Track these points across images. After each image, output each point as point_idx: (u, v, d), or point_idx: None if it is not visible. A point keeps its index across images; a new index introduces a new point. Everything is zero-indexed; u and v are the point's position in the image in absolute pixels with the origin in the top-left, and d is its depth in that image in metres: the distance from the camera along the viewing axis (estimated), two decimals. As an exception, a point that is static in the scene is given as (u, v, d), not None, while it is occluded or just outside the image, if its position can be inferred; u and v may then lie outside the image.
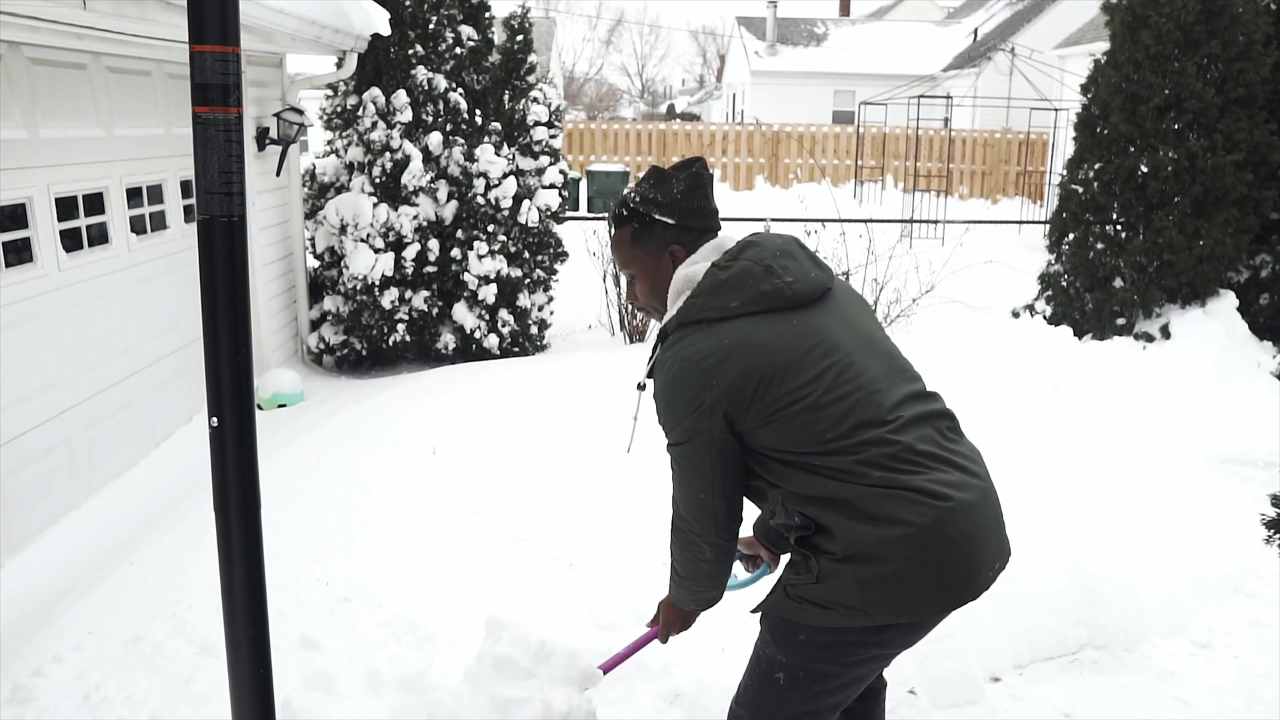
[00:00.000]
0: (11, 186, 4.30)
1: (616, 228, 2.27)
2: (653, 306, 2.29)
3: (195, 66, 1.69)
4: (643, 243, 2.22)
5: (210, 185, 1.72)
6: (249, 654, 1.93)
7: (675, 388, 2.04)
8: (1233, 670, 3.79)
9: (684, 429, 2.05)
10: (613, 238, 2.30)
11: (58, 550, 4.32)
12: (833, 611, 2.05)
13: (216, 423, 1.78)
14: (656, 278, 2.23)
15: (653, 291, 2.25)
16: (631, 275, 2.27)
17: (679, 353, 2.06)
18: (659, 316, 2.28)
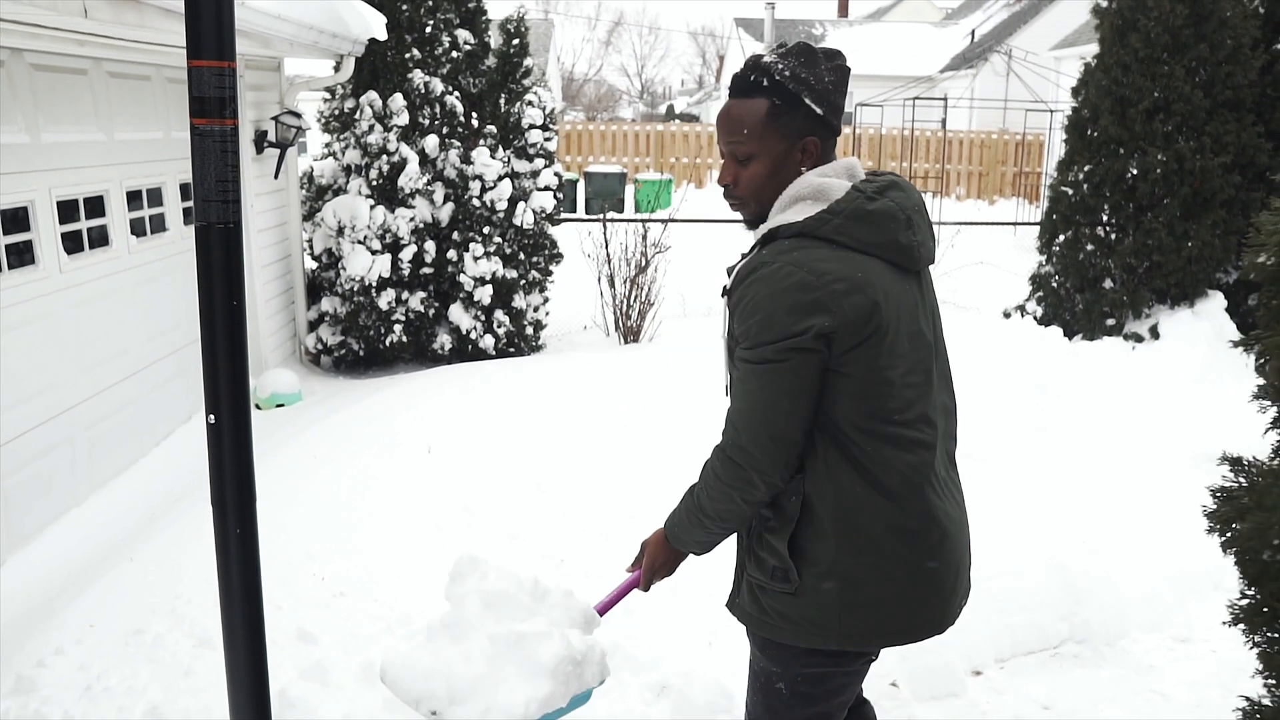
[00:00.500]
0: (14, 190, 4.38)
1: (744, 95, 1.95)
2: (750, 199, 2.00)
3: (193, 80, 1.77)
4: (779, 124, 1.92)
5: (208, 193, 1.80)
6: (245, 645, 2.01)
7: (788, 298, 1.80)
8: (1211, 664, 3.86)
9: (784, 346, 1.80)
10: (734, 106, 1.97)
11: (59, 547, 4.40)
12: (802, 629, 1.97)
13: (214, 420, 1.86)
14: (778, 168, 1.94)
15: (766, 182, 1.96)
16: (746, 155, 1.95)
17: (799, 261, 1.82)
18: (749, 212, 2.02)
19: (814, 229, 1.86)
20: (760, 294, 1.82)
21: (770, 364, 1.82)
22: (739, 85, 1.96)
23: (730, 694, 3.17)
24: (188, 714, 2.92)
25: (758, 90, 1.93)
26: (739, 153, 1.96)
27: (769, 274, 1.83)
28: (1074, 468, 5.38)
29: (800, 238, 1.87)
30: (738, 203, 2.02)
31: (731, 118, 1.96)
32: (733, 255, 1.99)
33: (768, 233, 1.93)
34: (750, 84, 1.94)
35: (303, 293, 8.01)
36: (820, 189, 1.91)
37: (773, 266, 1.83)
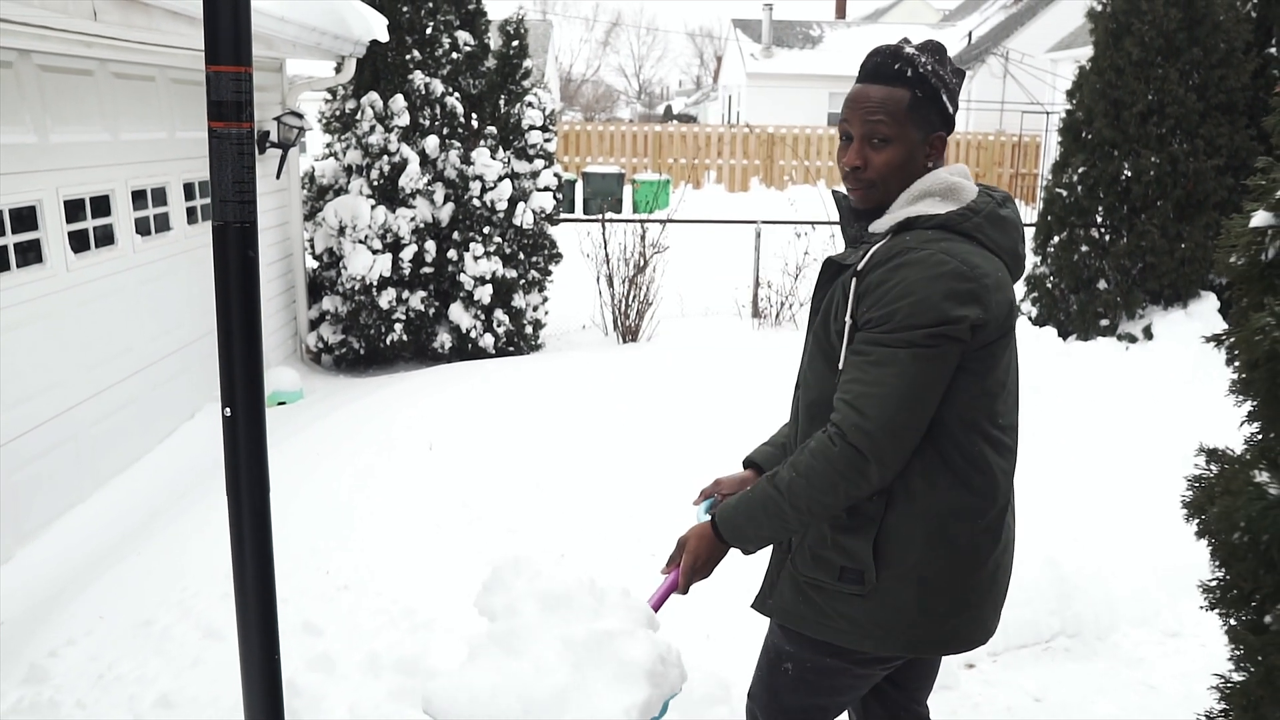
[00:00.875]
0: (23, 189, 4.44)
1: (886, 82, 1.93)
2: (879, 183, 1.95)
3: (211, 85, 1.83)
4: (915, 116, 1.92)
5: (225, 194, 1.86)
6: (259, 631, 2.07)
7: (944, 284, 1.77)
8: (1200, 658, 3.93)
9: (936, 333, 1.76)
10: (874, 91, 1.94)
11: (65, 542, 4.46)
12: (868, 633, 1.93)
13: (230, 412, 1.92)
14: (909, 159, 1.93)
15: (897, 170, 1.93)
16: (883, 139, 1.91)
17: (950, 251, 1.81)
18: (872, 198, 1.96)
19: (957, 223, 1.86)
20: (912, 278, 1.78)
21: (916, 349, 1.76)
22: (882, 71, 1.93)
23: (728, 686, 3.24)
24: (197, 702, 2.99)
25: (900, 80, 1.91)
26: (876, 136, 1.92)
27: (921, 259, 1.79)
28: (1067, 466, 5.45)
29: (943, 230, 1.86)
30: (864, 186, 1.96)
31: (872, 101, 1.92)
32: (732, 256, 2.01)
33: (903, 221, 1.88)
34: (894, 72, 1.91)
35: (304, 292, 8.07)
36: (953, 188, 1.92)
37: (924, 252, 1.80)
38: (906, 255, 1.81)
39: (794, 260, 9.34)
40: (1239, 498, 1.15)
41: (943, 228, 1.86)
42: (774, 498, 1.86)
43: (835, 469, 1.79)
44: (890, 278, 1.80)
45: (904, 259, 1.81)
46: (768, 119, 26.69)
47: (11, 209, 4.39)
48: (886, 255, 1.84)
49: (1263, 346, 1.10)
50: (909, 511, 1.87)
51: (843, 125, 1.98)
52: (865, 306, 1.83)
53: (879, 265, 1.83)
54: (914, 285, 1.77)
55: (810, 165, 23.63)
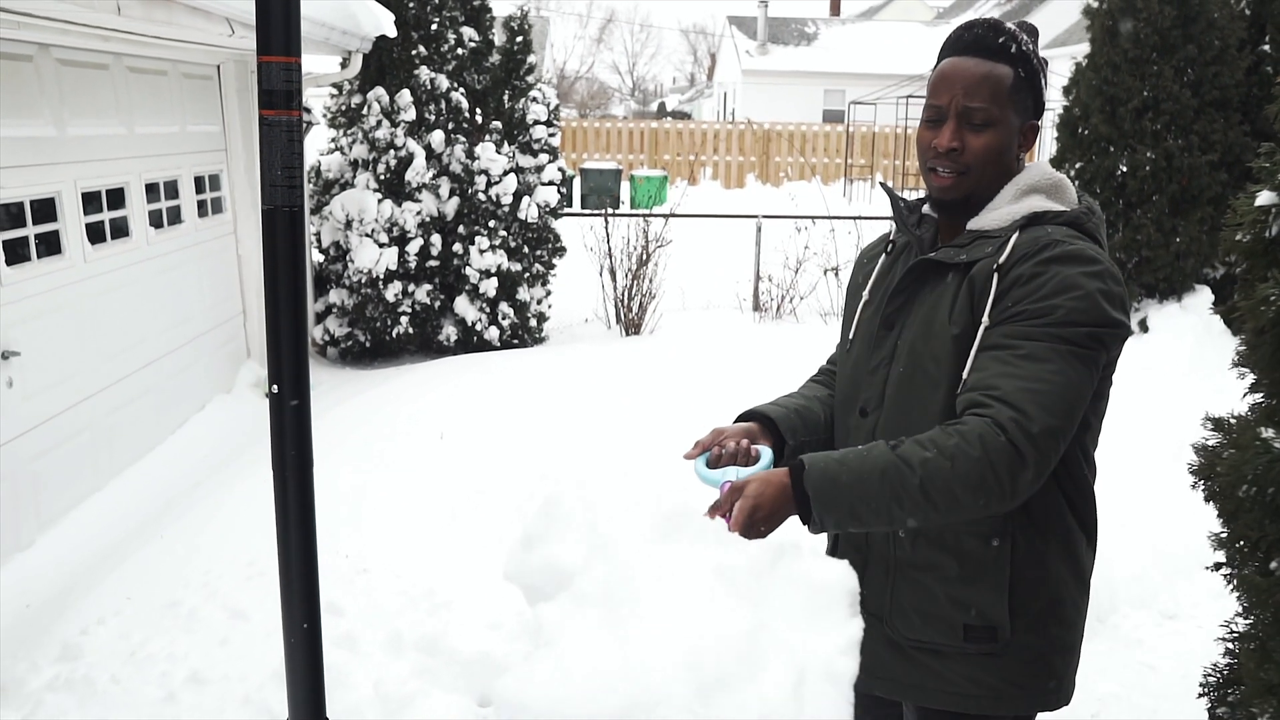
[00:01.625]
0: (42, 181, 4.52)
1: (989, 57, 1.73)
2: (975, 169, 1.74)
3: (262, 74, 1.92)
4: (1016, 98, 1.73)
5: (274, 179, 1.95)
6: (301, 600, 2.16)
7: (1105, 284, 1.60)
8: (1197, 639, 4.04)
9: (1096, 335, 1.58)
10: (975, 66, 1.73)
11: (86, 528, 4.54)
12: (1004, 696, 1.74)
13: (276, 389, 2.01)
14: (1006, 145, 1.74)
15: (996, 157, 1.73)
16: (984, 121, 1.71)
17: (1100, 254, 1.64)
18: (964, 186, 1.75)
19: (1084, 223, 1.69)
20: (1070, 273, 1.58)
21: (1075, 349, 1.56)
22: (984, 44, 1.73)
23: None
24: (228, 679, 3.08)
25: (1004, 55, 1.72)
26: (976, 116, 1.72)
27: (1076, 253, 1.61)
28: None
29: (1073, 229, 1.67)
30: (956, 172, 1.74)
31: (974, 77, 1.71)
32: (732, 250, 1.93)
33: (1031, 216, 1.70)
34: (998, 46, 1.72)
35: (310, 285, 8.15)
36: (1058, 184, 1.76)
37: (1074, 247, 1.62)
38: (1059, 248, 1.61)
39: (794, 255, 9.43)
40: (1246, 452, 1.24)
41: (1073, 226, 1.68)
42: (899, 468, 1.52)
43: (991, 462, 1.49)
44: (1044, 270, 1.60)
45: (1056, 251, 1.61)
46: (763, 115, 26.80)
47: (32, 200, 4.47)
48: (1032, 248, 1.63)
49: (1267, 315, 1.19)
50: (1035, 549, 1.68)
51: (932, 104, 1.76)
52: (1011, 301, 1.61)
53: (1026, 259, 1.62)
54: (1074, 280, 1.57)
55: (806, 162, 23.73)
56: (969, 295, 1.66)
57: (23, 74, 4.38)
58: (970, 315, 1.65)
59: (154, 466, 5.35)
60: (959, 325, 1.66)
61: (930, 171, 1.76)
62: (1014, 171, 1.76)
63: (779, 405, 1.96)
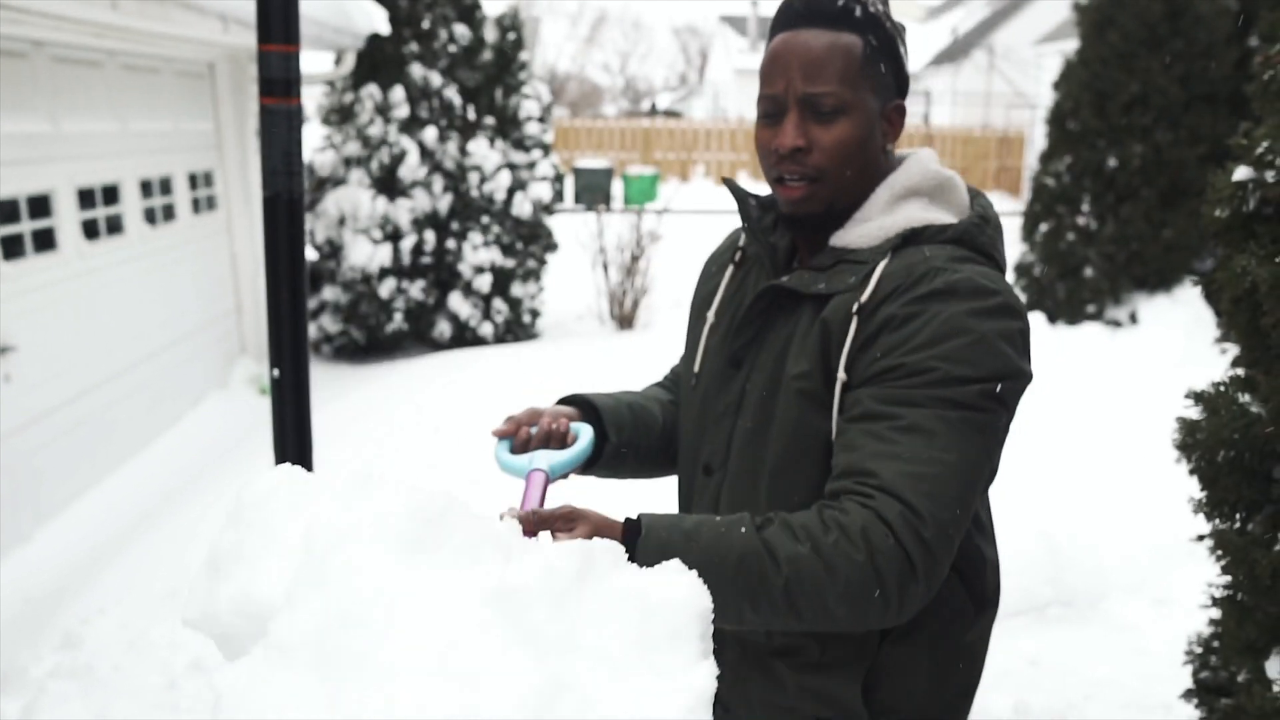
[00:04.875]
0: (37, 177, 4.54)
1: (830, 26, 1.34)
2: (830, 171, 1.35)
3: (262, 63, 1.95)
4: (872, 74, 1.35)
5: (274, 166, 1.98)
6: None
7: (1000, 324, 1.26)
8: (1187, 623, 4.08)
9: (994, 391, 1.24)
10: (813, 38, 1.34)
11: (83, 522, 4.56)
12: None
13: (278, 373, 2.04)
14: (866, 135, 1.35)
15: (855, 152, 1.35)
16: (834, 106, 1.33)
17: (991, 278, 1.29)
18: (814, 199, 1.36)
19: (974, 238, 1.34)
20: (956, 312, 1.24)
21: (969, 414, 1.22)
22: (821, 11, 1.34)
23: None
24: (227, 666, 3.10)
25: (848, 21, 1.33)
26: (823, 103, 1.32)
27: (960, 285, 1.25)
28: (1058, 444, 5.60)
29: (958, 246, 1.32)
30: (807, 178, 1.35)
31: (814, 53, 1.32)
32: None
33: (908, 234, 1.34)
34: (839, 11, 1.33)
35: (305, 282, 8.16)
36: (943, 185, 1.39)
37: (958, 276, 1.26)
38: (938, 279, 1.26)
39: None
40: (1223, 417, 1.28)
41: (960, 243, 1.33)
42: (762, 561, 1.17)
43: (877, 569, 1.16)
44: (921, 311, 1.25)
45: (936, 284, 1.26)
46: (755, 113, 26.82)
47: (27, 197, 4.49)
48: (905, 280, 1.27)
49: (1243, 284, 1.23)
50: (910, 633, 1.37)
51: (766, 94, 1.37)
52: (880, 352, 1.26)
53: (896, 295, 1.27)
54: (959, 322, 1.23)
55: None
56: (822, 340, 1.31)
57: (18, 70, 4.40)
58: (825, 366, 1.31)
59: (151, 461, 5.37)
60: (813, 379, 1.31)
61: (776, 182, 1.37)
62: (882, 167, 1.39)
63: (611, 396, 1.64)
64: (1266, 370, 1.25)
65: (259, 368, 7.01)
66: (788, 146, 1.33)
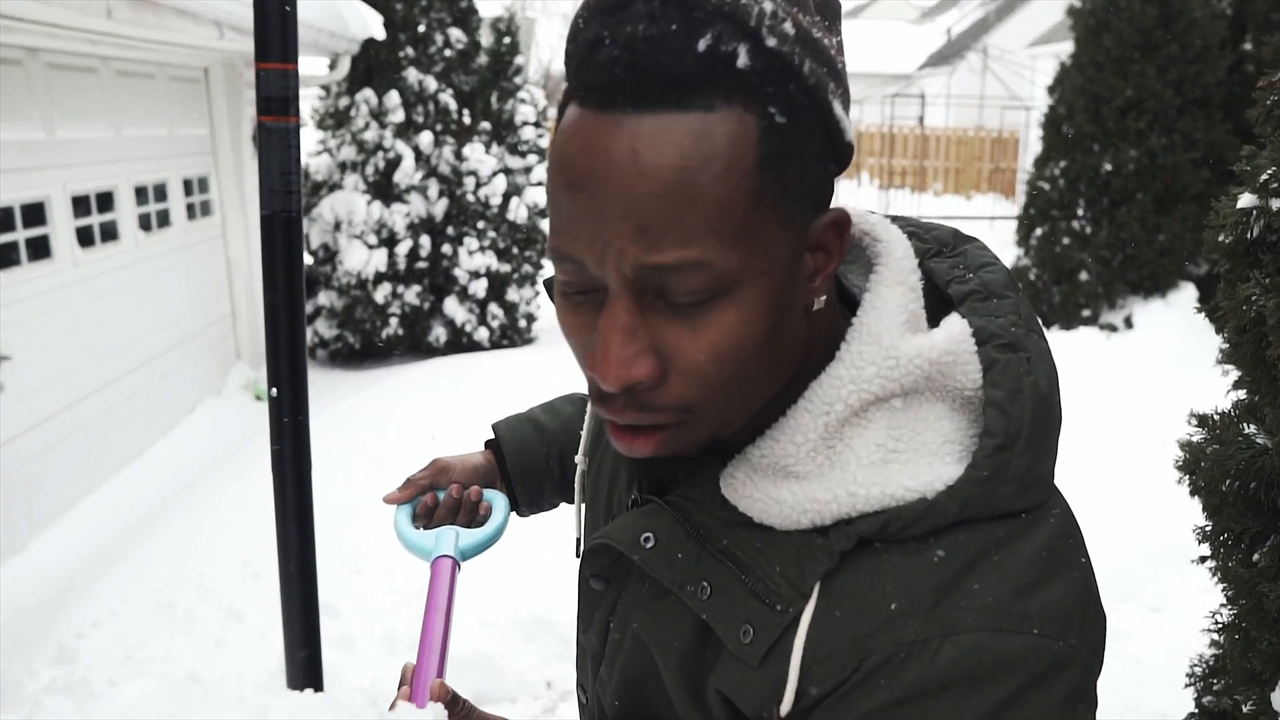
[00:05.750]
0: (32, 185, 4.53)
1: (681, 107, 0.61)
2: (696, 412, 0.69)
3: (260, 81, 1.94)
4: (775, 190, 0.64)
5: (273, 184, 1.97)
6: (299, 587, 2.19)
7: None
8: (1183, 632, 4.10)
9: None
10: (647, 150, 0.61)
11: (77, 532, 4.54)
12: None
13: (276, 392, 2.03)
14: (775, 323, 0.68)
15: (751, 357, 0.67)
16: (698, 293, 0.64)
17: (1024, 614, 0.66)
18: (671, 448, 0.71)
19: (984, 500, 0.69)
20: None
21: None
22: (664, 70, 0.61)
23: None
24: (224, 679, 3.09)
25: (723, 84, 0.62)
26: (684, 283, 0.64)
27: (976, 669, 0.65)
28: (1052, 451, 5.61)
29: (970, 529, 0.69)
30: (659, 424, 0.70)
31: (652, 180, 0.62)
32: None
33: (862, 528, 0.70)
34: (702, 66, 0.61)
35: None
36: (945, 363, 0.72)
37: (962, 650, 0.65)
38: (914, 668, 0.66)
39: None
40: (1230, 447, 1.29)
41: (965, 526, 0.69)
42: None
43: None
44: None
45: (912, 678, 0.66)
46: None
47: (22, 205, 4.47)
48: (855, 668, 0.68)
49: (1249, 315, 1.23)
50: None
51: (564, 255, 0.67)
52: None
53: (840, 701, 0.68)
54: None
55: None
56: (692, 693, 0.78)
57: (12, 78, 4.38)
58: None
59: (146, 469, 5.35)
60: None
61: (600, 402, 0.70)
62: (807, 347, 0.74)
63: (531, 421, 1.27)
64: (1272, 402, 1.26)
65: (254, 373, 7.00)
66: (620, 383, 0.66)
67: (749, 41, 0.62)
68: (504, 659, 3.36)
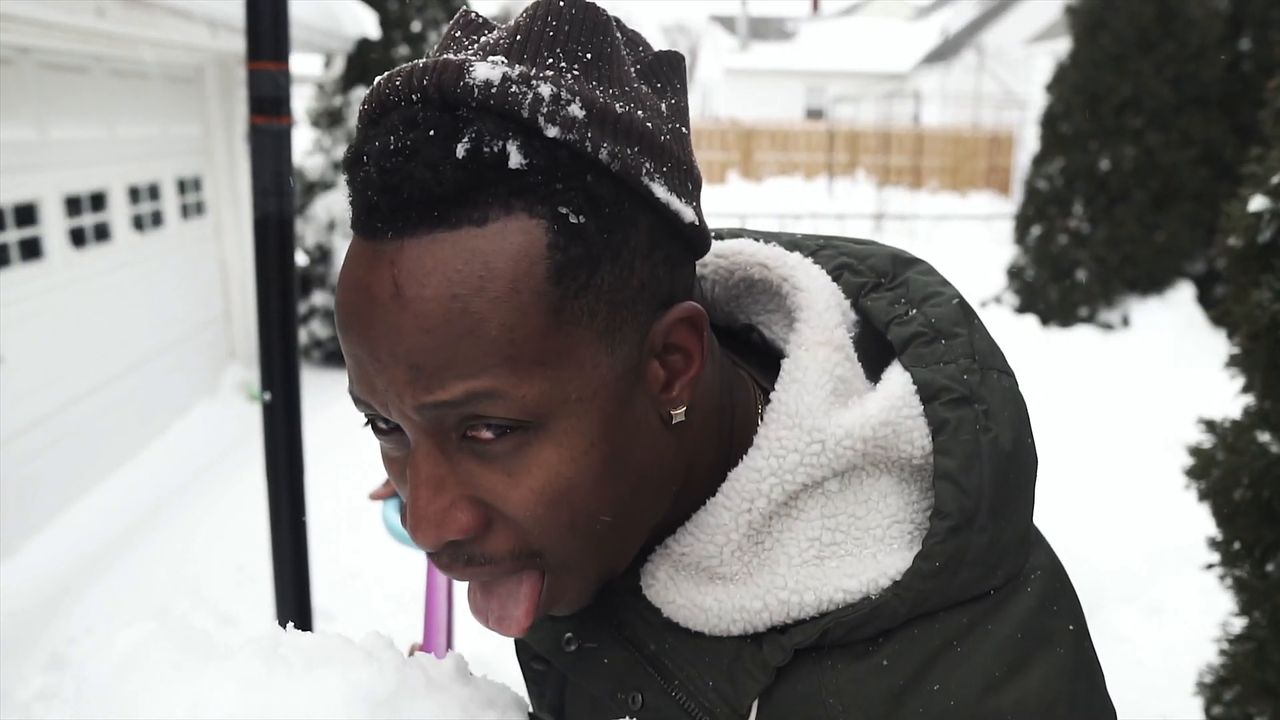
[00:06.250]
0: (24, 185, 4.49)
1: (446, 224, 0.54)
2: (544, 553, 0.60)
3: (252, 81, 1.91)
4: (584, 300, 0.56)
5: (265, 186, 1.94)
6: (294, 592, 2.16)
7: None
8: (1182, 634, 4.08)
9: None
10: (410, 284, 0.54)
11: (70, 535, 4.50)
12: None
13: (269, 397, 2.00)
14: (618, 450, 0.59)
15: (600, 507, 0.59)
16: (504, 427, 0.56)
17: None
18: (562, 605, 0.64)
19: (939, 593, 0.61)
20: None
21: None
22: (418, 189, 0.53)
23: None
24: (218, 685, 3.06)
25: (488, 193, 0.54)
26: (477, 422, 0.56)
27: None
28: (1049, 451, 5.57)
29: (925, 623, 0.61)
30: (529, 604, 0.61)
31: (408, 317, 0.54)
32: None
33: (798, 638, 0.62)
34: (461, 180, 0.53)
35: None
36: (888, 439, 0.63)
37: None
38: None
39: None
40: (1242, 456, 1.26)
41: (921, 620, 0.61)
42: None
43: None
44: None
45: None
46: (745, 112, 26.84)
47: (14, 205, 4.43)
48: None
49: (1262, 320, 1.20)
50: None
51: (357, 403, 0.60)
52: None
53: None
54: None
55: (787, 159, 23.80)
56: None
57: (4, 77, 4.34)
58: None
59: (140, 470, 5.31)
60: None
61: (432, 560, 0.63)
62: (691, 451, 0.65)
63: None
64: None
65: (248, 373, 6.96)
66: (433, 543, 0.58)
67: (521, 136, 0.54)
68: (502, 665, 3.34)
